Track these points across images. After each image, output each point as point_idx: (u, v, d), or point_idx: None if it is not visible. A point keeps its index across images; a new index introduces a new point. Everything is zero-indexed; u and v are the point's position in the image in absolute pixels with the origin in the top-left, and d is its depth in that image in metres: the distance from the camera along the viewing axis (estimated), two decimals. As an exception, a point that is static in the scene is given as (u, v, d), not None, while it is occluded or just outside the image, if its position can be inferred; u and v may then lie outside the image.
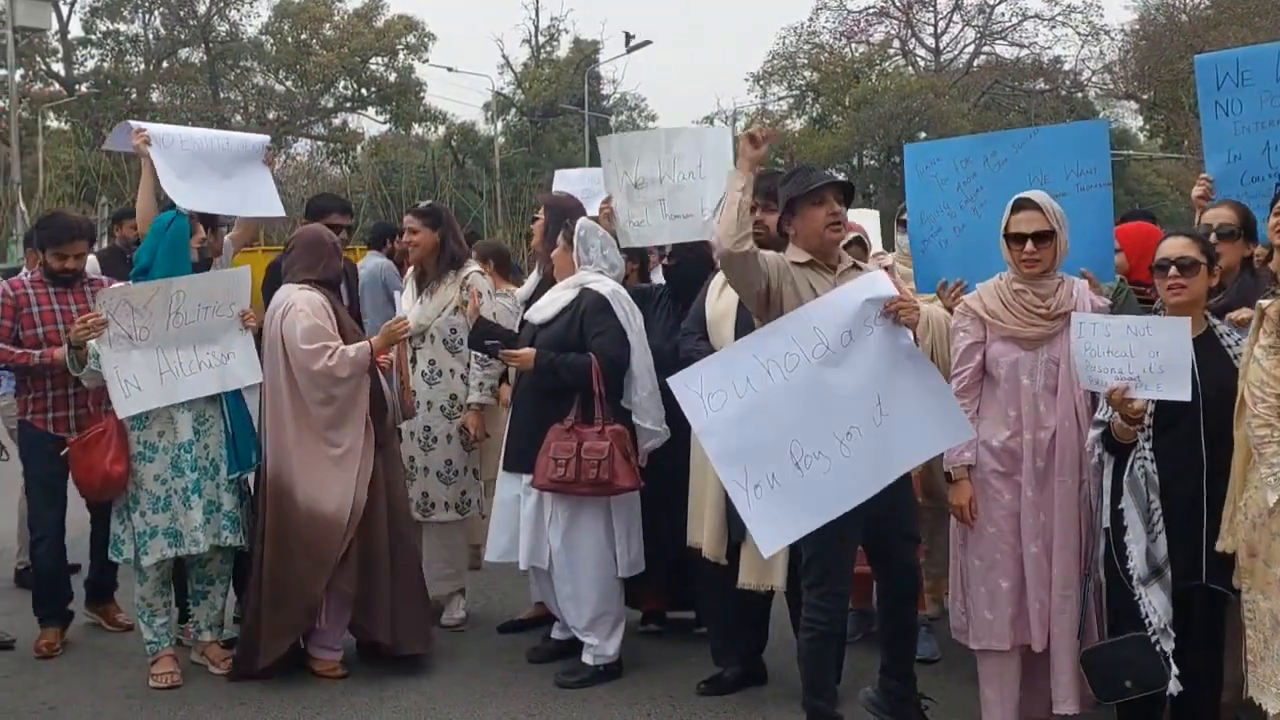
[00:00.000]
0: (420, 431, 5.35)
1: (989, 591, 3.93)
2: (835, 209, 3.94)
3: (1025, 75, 40.97)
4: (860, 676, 4.44)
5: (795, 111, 42.59)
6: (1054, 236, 3.84)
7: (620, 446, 4.60)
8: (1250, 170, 4.45)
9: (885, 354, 3.70)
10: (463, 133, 40.58)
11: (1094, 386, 3.64)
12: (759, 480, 3.63)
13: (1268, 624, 3.30)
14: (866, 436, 3.66)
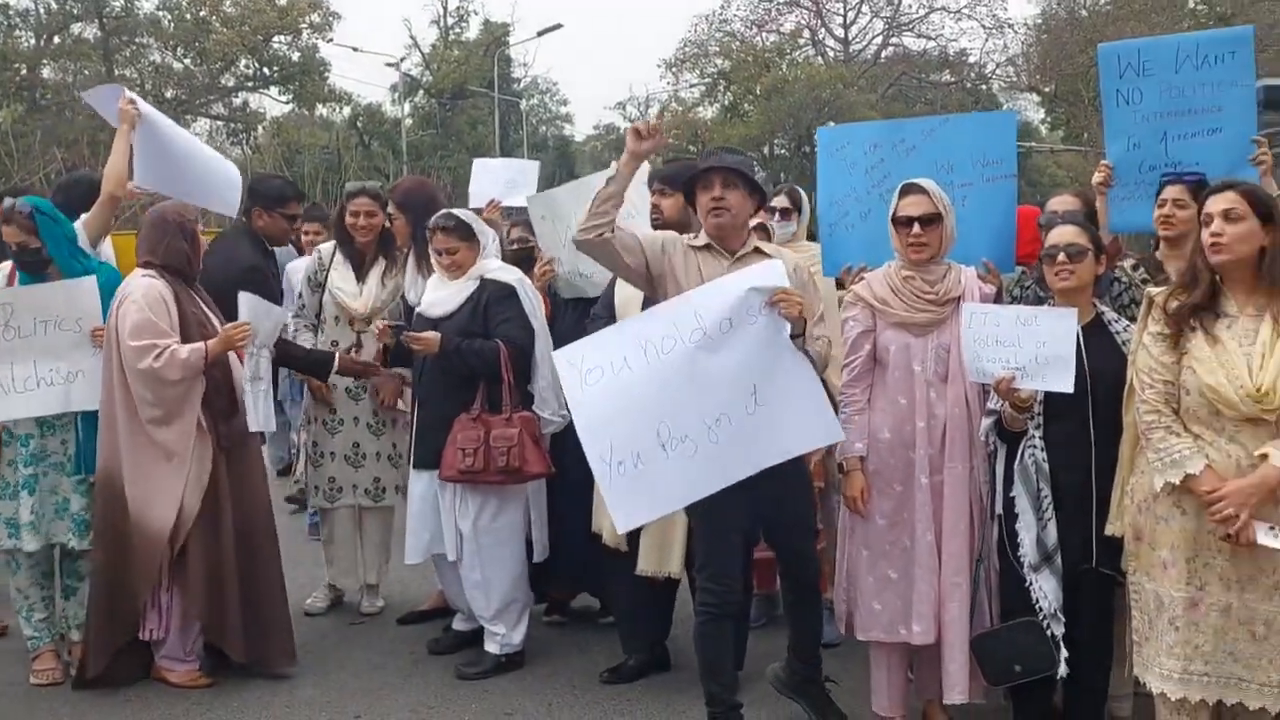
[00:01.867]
0: (370, 417, 5.30)
1: (877, 581, 3.95)
2: (718, 194, 3.87)
3: (932, 67, 41.59)
4: (765, 661, 4.42)
5: (707, 99, 42.66)
6: (940, 221, 3.87)
7: (530, 432, 4.56)
8: (1148, 159, 4.55)
9: (765, 345, 3.67)
10: (369, 114, 39.82)
11: (981, 378, 3.68)
12: (623, 458, 3.62)
13: (1152, 605, 3.37)
14: (736, 425, 3.64)
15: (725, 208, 3.88)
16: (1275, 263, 3.21)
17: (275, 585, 4.71)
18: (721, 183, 3.88)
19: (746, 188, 3.91)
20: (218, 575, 4.48)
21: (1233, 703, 3.26)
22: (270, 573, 4.69)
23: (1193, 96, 4.51)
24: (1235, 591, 3.21)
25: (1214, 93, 4.47)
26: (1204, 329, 3.26)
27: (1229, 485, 3.14)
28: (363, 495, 5.33)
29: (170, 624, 4.52)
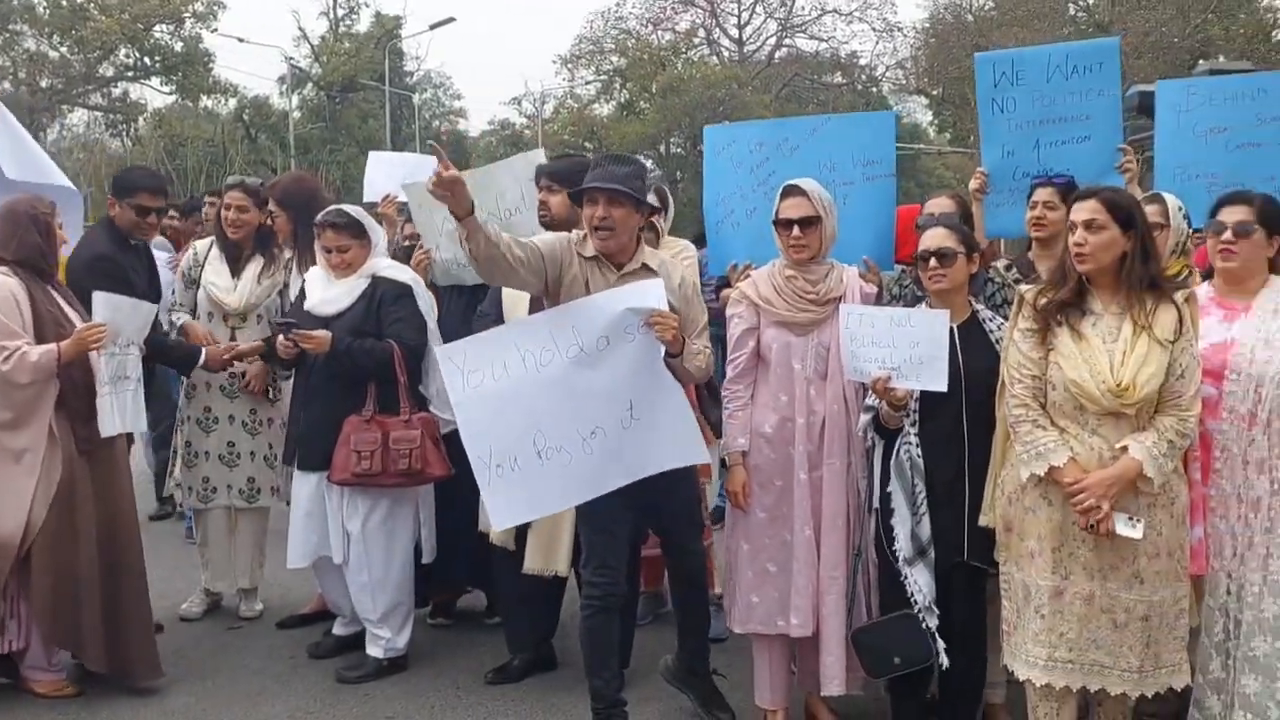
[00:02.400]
0: (246, 415, 5.18)
1: (756, 575, 3.99)
2: (602, 213, 3.80)
3: (824, 69, 42.25)
4: (652, 659, 4.47)
5: (603, 96, 42.68)
6: (819, 222, 3.92)
7: (430, 434, 4.51)
8: (1022, 166, 4.68)
9: (641, 363, 3.71)
10: (255, 106, 38.85)
11: (858, 377, 3.74)
12: (501, 461, 3.70)
13: (1020, 595, 3.46)
14: (611, 438, 3.71)
15: (609, 226, 3.83)
16: (1134, 268, 3.32)
17: (138, 592, 4.53)
18: (606, 200, 3.81)
19: (633, 202, 3.86)
20: (72, 583, 4.29)
21: (1096, 689, 3.37)
22: (133, 579, 4.51)
23: (1063, 105, 4.66)
24: (1098, 580, 3.32)
25: (1083, 102, 4.63)
26: (1070, 326, 3.36)
27: (1090, 477, 3.24)
28: (237, 496, 5.21)
29: (31, 633, 4.35)
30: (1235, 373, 3.44)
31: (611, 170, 3.85)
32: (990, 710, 4.10)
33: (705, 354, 3.92)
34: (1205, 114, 4.53)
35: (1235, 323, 3.52)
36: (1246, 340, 3.46)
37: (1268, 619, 3.38)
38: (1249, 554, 3.41)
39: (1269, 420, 3.38)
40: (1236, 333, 3.49)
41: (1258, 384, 3.40)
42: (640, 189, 3.90)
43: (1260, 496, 3.39)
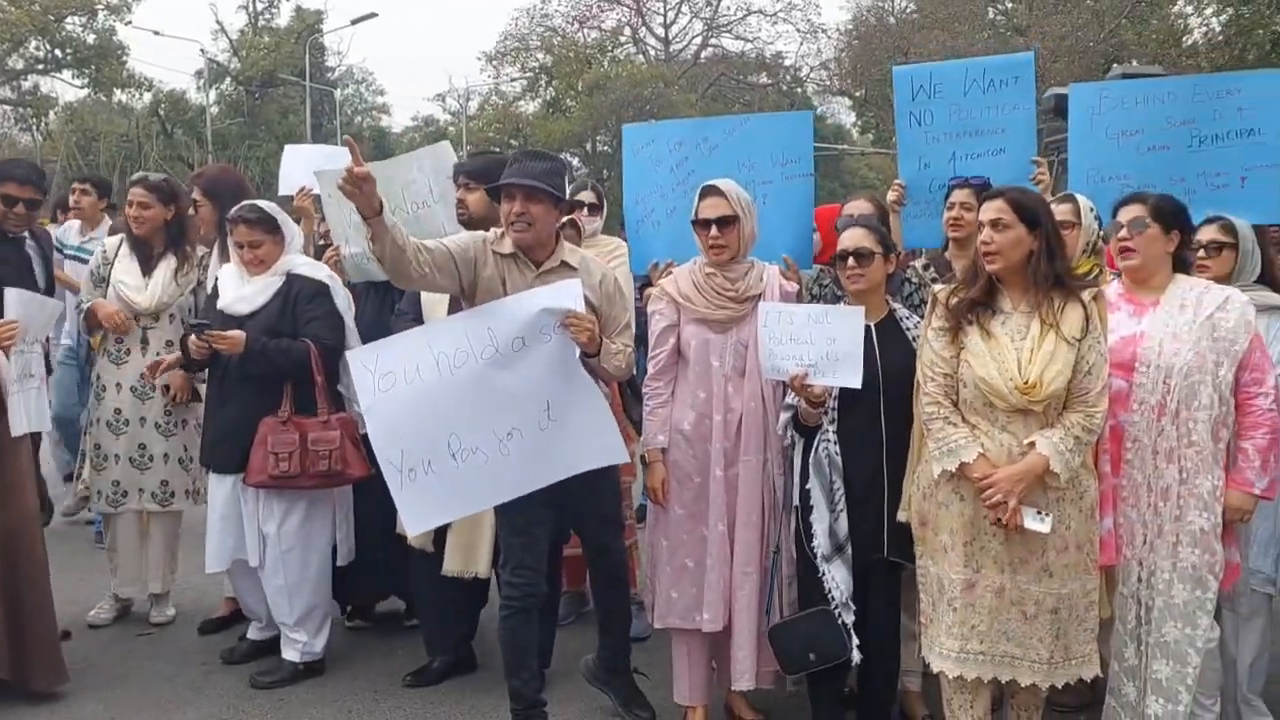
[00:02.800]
0: (160, 417, 5.05)
1: (674, 571, 4.01)
2: (519, 209, 3.77)
3: (750, 69, 42.54)
4: (574, 659, 4.45)
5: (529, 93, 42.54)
6: (737, 222, 3.93)
7: (350, 435, 4.43)
8: (938, 178, 4.75)
9: (558, 364, 3.70)
10: (172, 101, 38.05)
11: (776, 375, 3.76)
12: (414, 465, 3.66)
13: (934, 588, 3.51)
14: (529, 439, 3.69)
15: (527, 222, 3.80)
16: (1040, 266, 3.38)
17: (41, 597, 4.39)
18: (524, 196, 3.78)
19: (551, 199, 3.83)
20: None
21: (1007, 680, 3.43)
22: (35, 584, 4.37)
23: (979, 119, 4.75)
24: (1008, 574, 3.38)
25: (998, 115, 4.72)
26: (980, 325, 3.41)
27: (999, 473, 3.30)
28: (149, 499, 5.08)
29: None
30: (1144, 365, 3.52)
31: (529, 166, 3.83)
32: (906, 698, 4.16)
33: (625, 353, 3.91)
34: (1117, 117, 4.63)
35: (1144, 317, 3.60)
36: (1155, 334, 3.54)
37: (1178, 605, 3.46)
38: (1159, 542, 3.49)
39: (1177, 411, 3.46)
40: (1145, 327, 3.57)
41: (1166, 376, 3.48)
42: (559, 185, 3.88)
43: (1169, 485, 3.47)
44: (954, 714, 3.53)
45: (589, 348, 3.69)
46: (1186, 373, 3.46)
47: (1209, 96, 4.50)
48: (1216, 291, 3.59)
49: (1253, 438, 3.50)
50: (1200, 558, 3.44)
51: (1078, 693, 3.99)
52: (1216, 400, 3.45)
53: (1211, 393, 3.45)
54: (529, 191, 3.78)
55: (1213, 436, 3.45)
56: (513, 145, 36.03)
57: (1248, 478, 3.50)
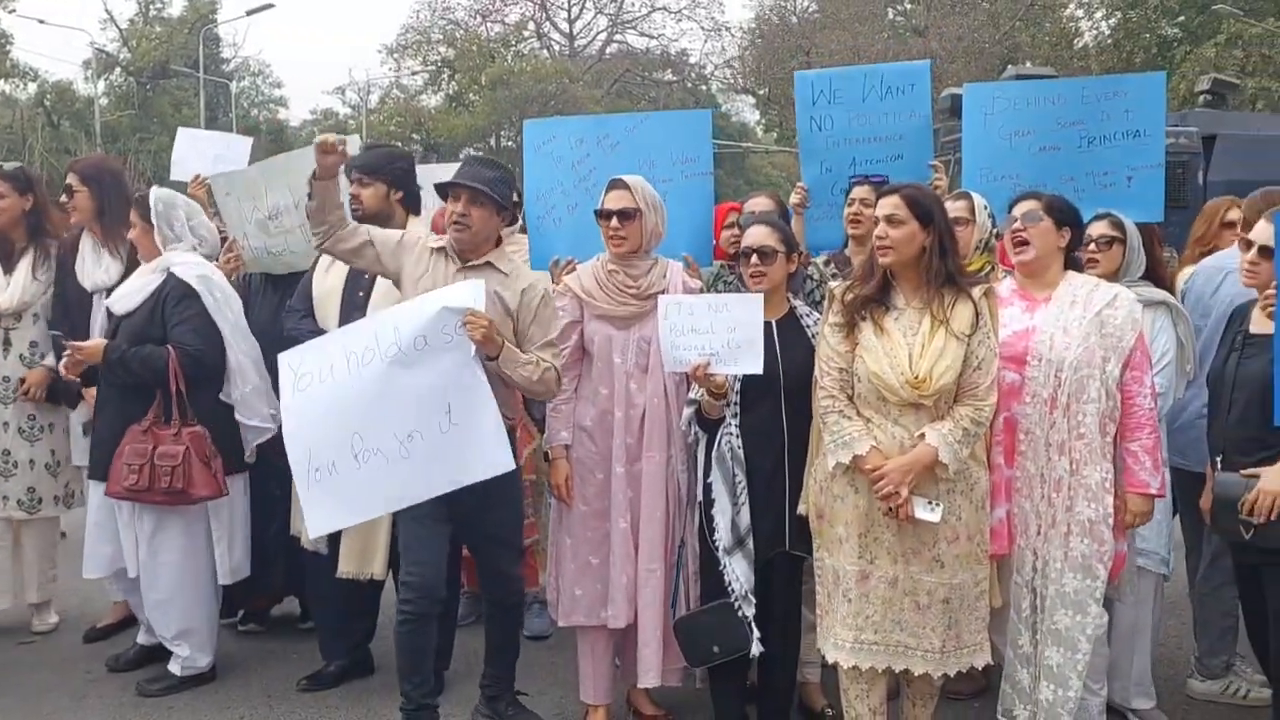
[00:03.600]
0: (24, 421, 4.84)
1: (578, 568, 3.99)
2: (462, 210, 3.79)
3: (655, 66, 42.70)
4: (474, 659, 4.39)
5: (431, 87, 42.09)
6: (639, 215, 3.93)
7: (199, 451, 4.23)
8: (839, 183, 4.78)
9: (458, 365, 3.64)
10: (58, 92, 36.75)
11: (678, 367, 3.75)
12: (320, 465, 3.62)
13: (831, 579, 3.55)
14: (429, 442, 3.61)
15: (467, 225, 3.81)
16: (932, 263, 3.43)
17: None
18: (468, 198, 3.79)
19: (494, 206, 3.83)
20: None
21: (900, 669, 3.48)
22: None
23: (877, 125, 4.82)
24: (901, 564, 3.43)
25: (896, 122, 4.80)
26: (874, 320, 3.46)
27: (889, 464, 3.35)
28: (15, 506, 4.85)
29: None
30: (1036, 359, 3.59)
31: (479, 171, 3.87)
32: (806, 689, 4.21)
33: (540, 366, 3.80)
34: (1010, 117, 4.72)
35: (1036, 312, 3.68)
36: (1046, 328, 3.62)
37: (1069, 593, 3.55)
38: (1052, 532, 3.56)
39: (1067, 404, 3.54)
40: (1037, 321, 3.65)
41: (1057, 369, 3.56)
42: (505, 195, 3.89)
43: (1061, 477, 3.55)
44: (850, 704, 3.57)
45: (485, 348, 3.64)
46: (1076, 367, 3.54)
47: (1097, 98, 4.62)
48: (1106, 289, 3.69)
49: (1139, 439, 3.59)
50: (1090, 547, 3.53)
51: (972, 680, 4.08)
52: (1104, 394, 3.54)
53: (1099, 387, 3.53)
54: (474, 194, 3.79)
55: (1100, 430, 3.54)
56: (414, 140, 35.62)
57: (1142, 479, 3.59)
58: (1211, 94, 15.90)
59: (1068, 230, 3.74)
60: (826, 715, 4.10)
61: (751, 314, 3.62)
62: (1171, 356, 4.01)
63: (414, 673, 3.83)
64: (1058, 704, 3.57)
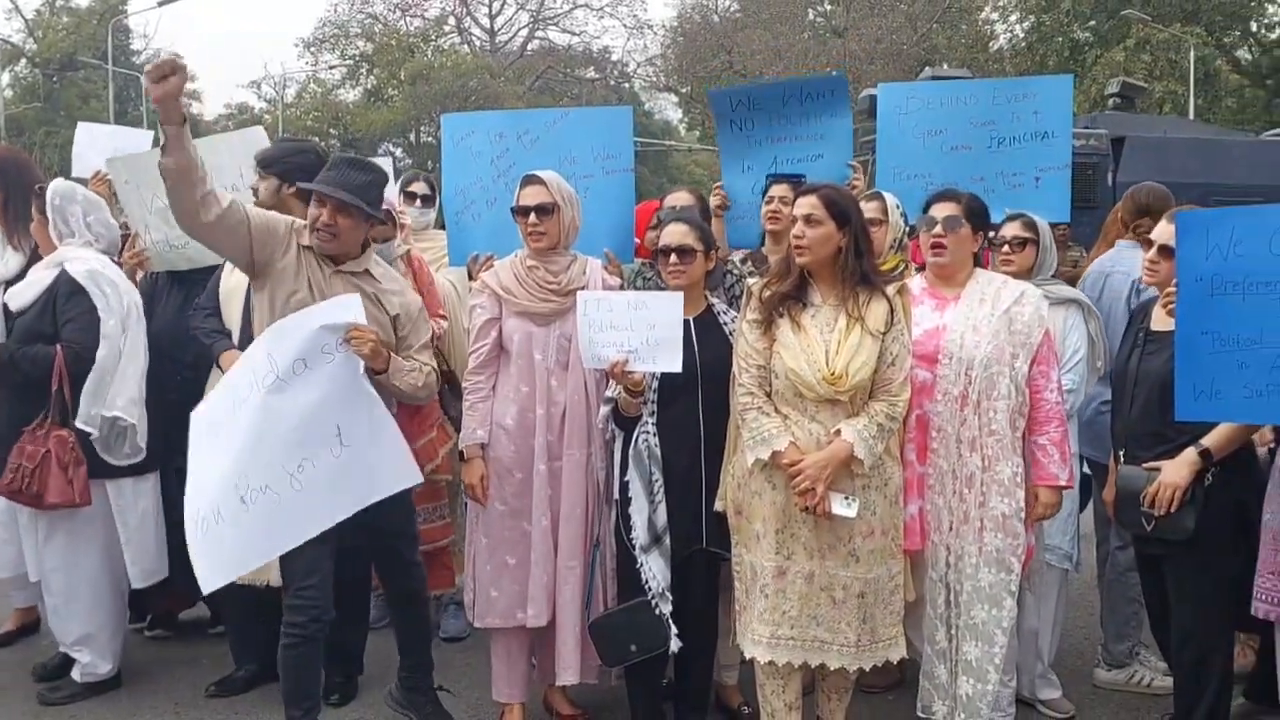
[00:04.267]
0: None
1: (495, 568, 3.95)
2: (327, 219, 3.64)
3: (577, 63, 42.59)
4: (387, 662, 4.32)
5: (349, 82, 41.50)
6: (557, 210, 3.90)
7: (59, 456, 4.05)
8: (759, 183, 4.80)
9: (343, 384, 3.49)
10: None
11: (597, 364, 3.73)
12: (206, 515, 3.38)
13: (748, 576, 3.56)
14: (322, 468, 3.43)
15: (334, 234, 3.67)
16: (848, 262, 3.47)
17: None
18: (335, 207, 3.63)
19: (363, 215, 3.71)
20: None
21: (817, 664, 3.51)
22: None
23: (798, 125, 4.86)
24: (817, 559, 3.46)
25: (817, 123, 4.83)
26: (791, 317, 3.48)
27: (806, 459, 3.37)
28: None
29: None
30: (947, 357, 3.64)
31: (348, 176, 3.68)
32: (723, 691, 4.21)
33: (423, 372, 3.76)
34: (923, 117, 4.79)
35: (946, 311, 3.73)
36: (956, 327, 3.67)
37: (984, 588, 3.60)
38: (965, 528, 3.61)
39: (978, 401, 3.60)
40: (947, 320, 3.70)
41: (967, 367, 3.61)
42: (374, 200, 3.75)
43: (973, 473, 3.60)
44: (766, 700, 3.59)
45: (373, 362, 3.53)
46: (986, 364, 3.59)
47: (1007, 100, 4.70)
48: (1013, 286, 3.75)
49: (1046, 432, 3.66)
50: (1004, 541, 3.58)
51: (887, 674, 4.12)
52: (1014, 390, 3.60)
53: (1009, 383, 3.59)
54: (337, 204, 3.64)
55: (1011, 425, 3.60)
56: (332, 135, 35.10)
57: (1051, 472, 3.65)
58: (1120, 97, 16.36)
59: (980, 234, 3.81)
60: (743, 713, 4.11)
61: (671, 312, 3.62)
62: (1083, 353, 4.11)
63: (303, 697, 3.64)
64: (977, 698, 3.63)
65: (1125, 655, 4.45)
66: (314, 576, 3.59)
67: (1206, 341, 3.32)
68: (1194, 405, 3.38)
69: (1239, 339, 3.26)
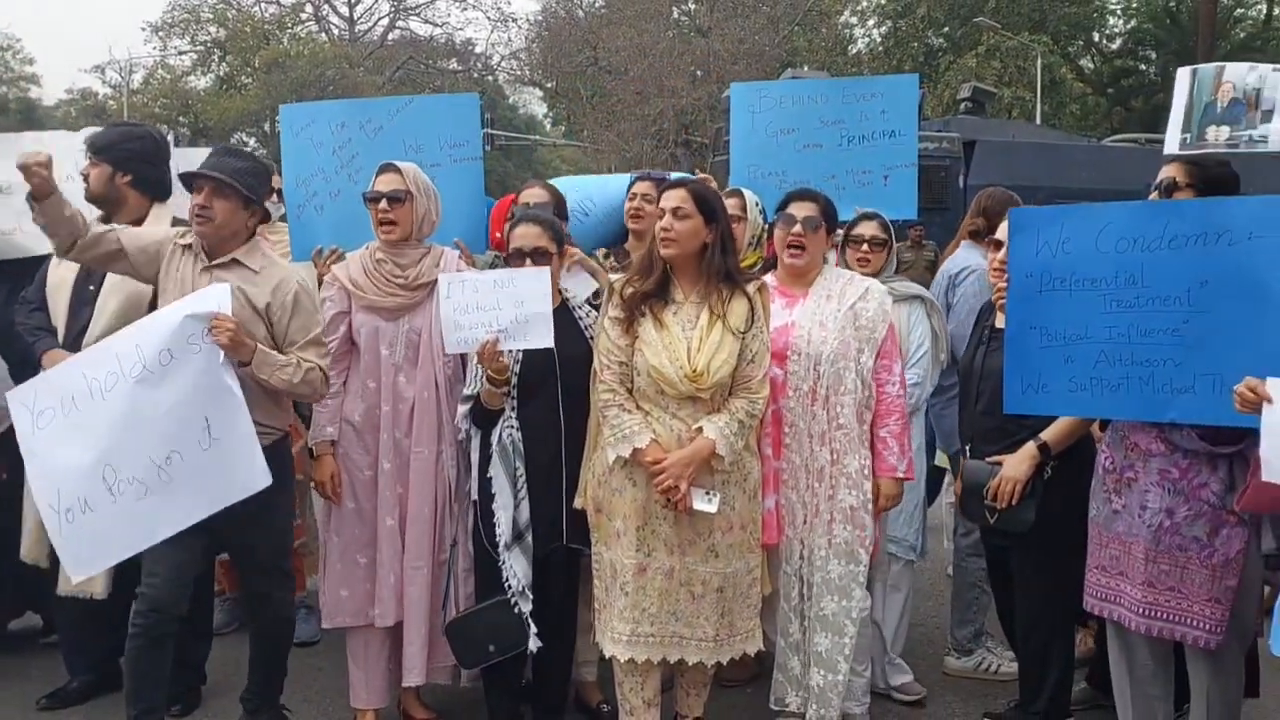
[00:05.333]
0: None
1: (345, 568, 3.85)
2: (203, 202, 3.57)
3: (439, 54, 41.98)
4: (234, 669, 4.19)
5: (200, 68, 40.05)
6: (410, 200, 3.81)
7: None
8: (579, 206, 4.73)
9: (210, 376, 3.40)
10: None
11: (463, 347, 3.63)
12: (70, 505, 3.35)
13: (608, 573, 3.54)
14: (191, 461, 3.36)
15: (209, 217, 3.58)
16: (714, 258, 3.47)
17: None
18: (211, 189, 3.56)
19: (240, 198, 3.61)
20: None
21: (675, 659, 3.51)
22: None
23: None
24: (677, 555, 3.46)
25: None
26: (653, 314, 3.47)
27: (669, 457, 3.37)
28: None
29: None
30: (796, 354, 3.68)
31: (227, 162, 3.65)
32: (582, 689, 4.17)
33: (301, 367, 3.58)
34: (774, 116, 4.82)
35: (795, 308, 3.77)
36: (804, 323, 3.72)
37: (834, 579, 3.64)
38: (816, 521, 3.65)
39: (826, 396, 3.65)
40: (796, 316, 3.74)
41: (816, 363, 3.66)
42: (253, 188, 3.66)
43: (823, 466, 3.65)
44: (625, 697, 3.58)
45: (233, 353, 3.41)
46: (833, 360, 3.64)
47: (855, 99, 4.77)
48: (859, 283, 3.82)
49: (887, 425, 3.73)
50: (851, 533, 3.64)
51: (744, 667, 4.15)
52: (860, 385, 3.66)
53: (855, 378, 3.65)
54: (217, 185, 3.56)
55: (857, 419, 3.66)
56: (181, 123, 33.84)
57: (891, 464, 3.72)
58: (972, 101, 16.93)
59: (831, 235, 3.87)
60: (602, 711, 4.08)
61: (538, 287, 3.55)
62: (927, 348, 4.21)
63: (140, 698, 3.47)
64: (828, 688, 3.67)
65: (970, 640, 4.57)
66: (168, 571, 3.48)
67: (1035, 337, 3.42)
68: (1022, 399, 3.48)
69: (1065, 334, 3.36)
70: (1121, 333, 3.25)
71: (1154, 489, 3.25)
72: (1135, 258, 3.22)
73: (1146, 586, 3.25)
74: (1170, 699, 3.48)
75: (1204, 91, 3.28)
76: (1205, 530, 3.18)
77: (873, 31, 32.91)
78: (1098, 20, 31.93)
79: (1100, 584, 3.41)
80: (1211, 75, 3.28)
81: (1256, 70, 3.20)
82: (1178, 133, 3.30)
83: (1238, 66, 3.24)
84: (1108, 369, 3.27)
